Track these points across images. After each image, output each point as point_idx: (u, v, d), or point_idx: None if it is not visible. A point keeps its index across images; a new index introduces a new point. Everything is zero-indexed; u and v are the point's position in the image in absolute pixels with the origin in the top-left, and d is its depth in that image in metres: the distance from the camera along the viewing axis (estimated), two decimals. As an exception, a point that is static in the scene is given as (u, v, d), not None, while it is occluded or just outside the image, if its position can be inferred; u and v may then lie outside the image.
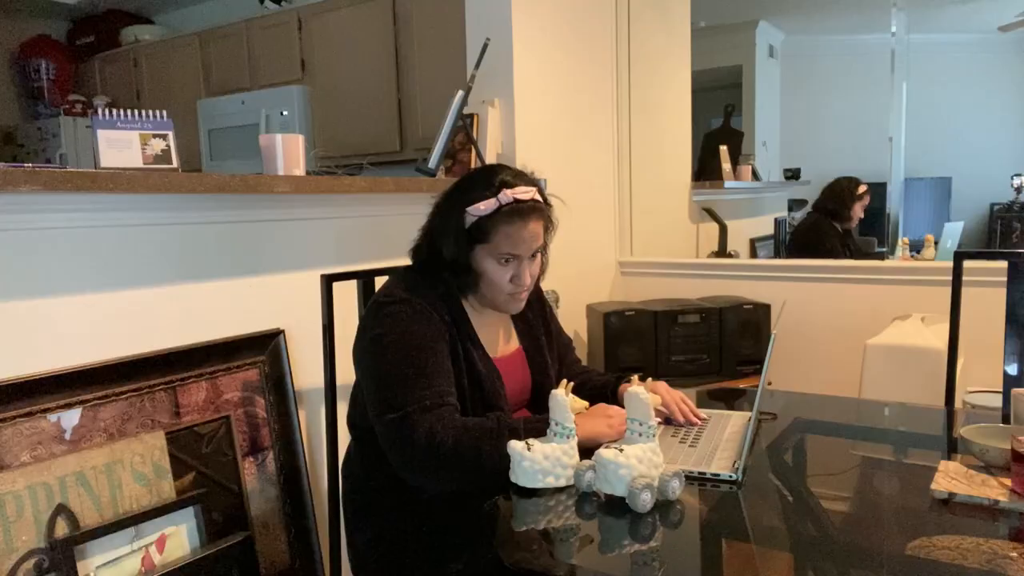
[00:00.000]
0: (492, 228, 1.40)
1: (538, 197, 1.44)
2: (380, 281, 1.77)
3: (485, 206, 1.39)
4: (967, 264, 1.78)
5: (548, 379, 1.59)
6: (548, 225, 1.49)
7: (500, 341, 1.56)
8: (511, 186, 1.41)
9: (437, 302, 1.44)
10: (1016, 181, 4.56)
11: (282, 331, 1.85)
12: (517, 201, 1.40)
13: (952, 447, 1.37)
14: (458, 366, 1.43)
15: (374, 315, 1.43)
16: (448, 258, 1.45)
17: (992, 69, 4.71)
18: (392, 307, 1.41)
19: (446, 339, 1.42)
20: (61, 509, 1.40)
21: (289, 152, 1.89)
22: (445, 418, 1.31)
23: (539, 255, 1.49)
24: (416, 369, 1.35)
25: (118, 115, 1.64)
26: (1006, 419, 1.44)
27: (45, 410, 1.41)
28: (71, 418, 1.45)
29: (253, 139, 3.63)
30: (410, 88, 3.39)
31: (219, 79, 4.16)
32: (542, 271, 1.56)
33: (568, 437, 1.21)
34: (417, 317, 1.40)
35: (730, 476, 1.19)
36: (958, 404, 1.85)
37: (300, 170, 1.91)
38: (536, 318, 1.65)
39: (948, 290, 1.78)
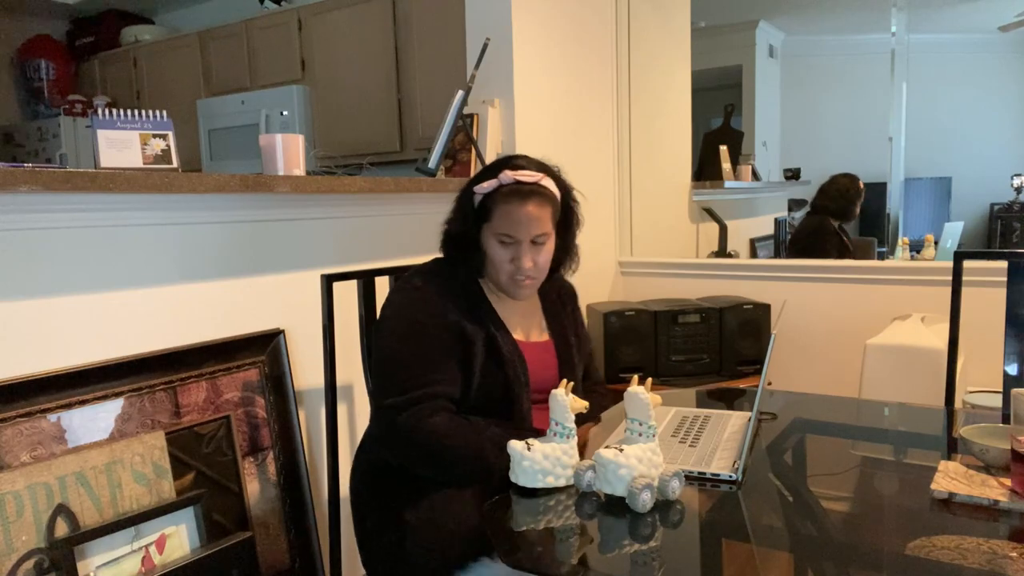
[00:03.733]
0: (493, 207, 1.46)
1: (545, 183, 1.47)
2: (380, 281, 1.77)
3: (488, 185, 1.46)
4: (967, 264, 1.78)
5: (575, 375, 1.58)
6: (560, 214, 1.52)
7: (529, 328, 1.58)
8: (516, 168, 1.47)
9: (455, 287, 1.49)
10: (1016, 181, 4.55)
11: (282, 331, 1.85)
12: (518, 182, 1.45)
13: (952, 447, 1.37)
14: (477, 348, 1.44)
15: (388, 299, 1.52)
16: (455, 235, 1.52)
17: (992, 69, 4.71)
18: (402, 293, 1.49)
19: (454, 324, 1.44)
20: (61, 509, 1.40)
21: (289, 152, 1.89)
22: (425, 419, 1.36)
23: (545, 244, 1.49)
24: (413, 355, 1.41)
25: (118, 115, 1.64)
26: (1006, 419, 1.44)
27: (45, 410, 1.41)
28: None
29: (253, 139, 3.64)
30: (410, 88, 3.39)
31: (219, 79, 4.16)
32: (565, 265, 1.60)
33: (568, 437, 1.21)
34: (425, 302, 1.45)
35: (730, 476, 1.19)
36: (958, 404, 1.85)
37: (300, 170, 1.91)
38: (568, 319, 1.66)
39: (948, 290, 1.78)
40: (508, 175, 1.45)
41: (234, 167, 3.87)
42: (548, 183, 1.48)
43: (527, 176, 1.46)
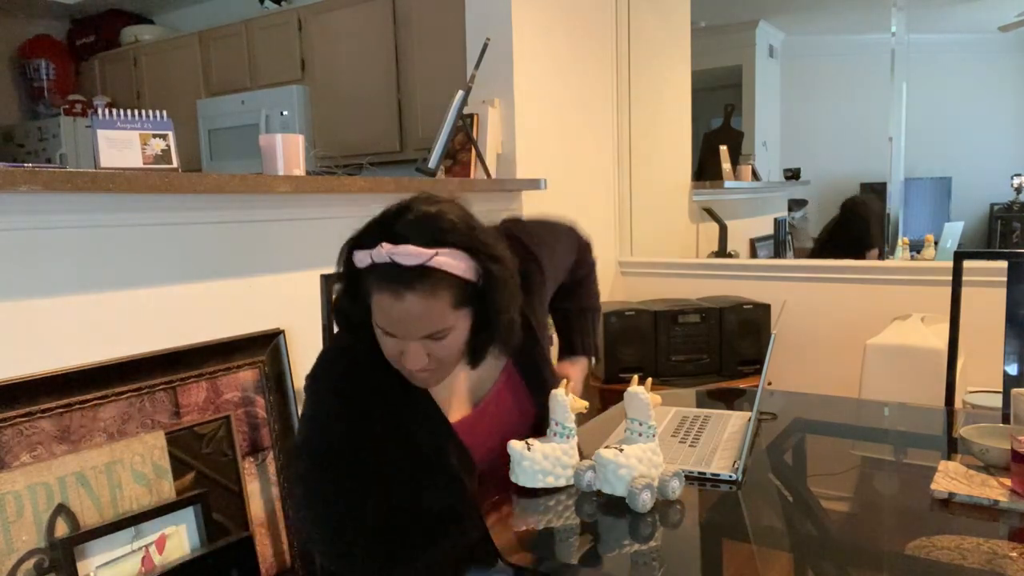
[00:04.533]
0: (369, 289, 1.09)
1: (439, 263, 1.05)
2: (380, 281, 1.76)
3: (362, 258, 1.09)
4: (967, 264, 1.78)
5: (548, 386, 1.32)
6: (480, 282, 1.11)
7: (474, 386, 1.30)
8: (398, 240, 1.06)
9: (373, 382, 1.17)
10: (1016, 181, 4.56)
11: (282, 331, 1.85)
12: (394, 264, 1.05)
13: (952, 447, 1.37)
14: (403, 467, 1.18)
15: (302, 412, 1.22)
16: (342, 312, 1.17)
17: (992, 69, 4.71)
18: (313, 412, 1.19)
19: (373, 452, 1.16)
20: (61, 509, 1.40)
21: (289, 152, 1.89)
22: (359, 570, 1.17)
23: (446, 337, 1.10)
24: (328, 508, 1.16)
25: (118, 115, 1.64)
26: (1006, 419, 1.43)
27: (45, 410, 1.41)
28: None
29: (253, 139, 3.64)
30: (410, 88, 3.39)
31: (219, 79, 4.16)
32: (496, 341, 1.20)
33: (568, 437, 1.21)
34: (337, 434, 1.16)
35: (730, 476, 1.19)
36: (958, 404, 1.85)
37: (300, 170, 1.91)
38: (530, 302, 1.31)
39: (948, 290, 1.78)
40: (384, 251, 1.05)
41: (234, 167, 3.87)
42: (445, 260, 1.06)
43: (409, 255, 1.04)
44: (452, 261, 1.07)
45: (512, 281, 1.16)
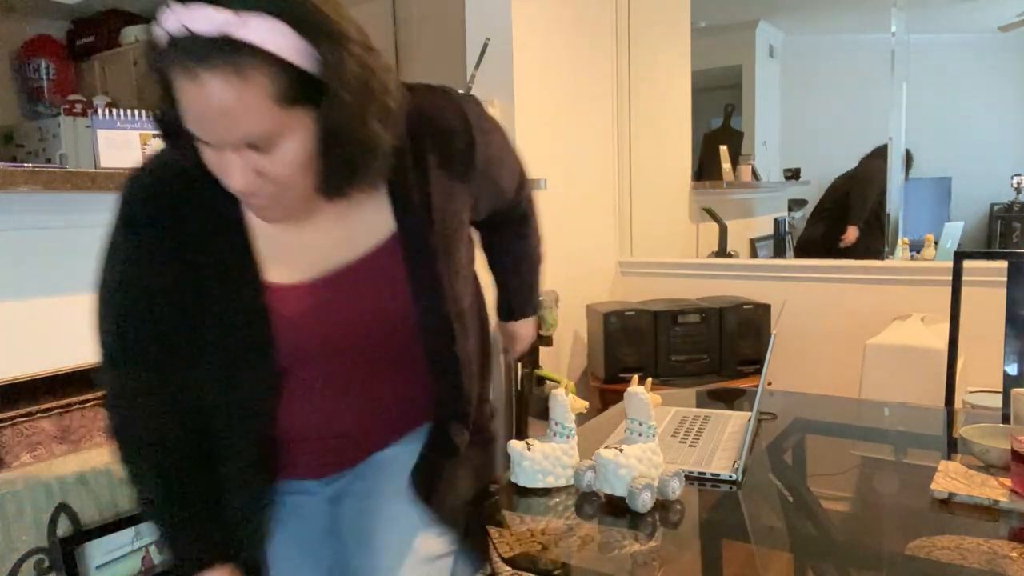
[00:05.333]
0: (167, 73, 0.78)
1: (243, 35, 0.74)
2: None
3: (158, 31, 0.77)
4: (967, 264, 1.78)
5: (439, 293, 0.98)
6: (303, 103, 0.80)
7: (334, 244, 0.96)
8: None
9: (191, 202, 0.91)
10: (1016, 181, 4.56)
11: (282, 331, 1.85)
12: (190, 36, 0.74)
13: (952, 447, 1.37)
14: (204, 315, 0.94)
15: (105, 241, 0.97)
16: (158, 119, 0.86)
17: (992, 69, 4.72)
18: (113, 239, 0.94)
19: (177, 280, 0.92)
20: (61, 509, 1.40)
21: (289, 152, 1.89)
22: (123, 427, 0.97)
23: (275, 147, 0.81)
24: (107, 336, 0.96)
25: (118, 115, 1.64)
26: (1006, 419, 1.43)
27: (45, 410, 1.41)
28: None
29: (253, 139, 3.63)
30: (410, 88, 3.40)
31: (219, 79, 4.16)
32: (358, 165, 0.87)
33: (568, 437, 1.21)
34: (127, 252, 0.93)
35: (730, 476, 1.19)
36: (958, 404, 1.85)
37: (300, 170, 1.91)
38: (445, 175, 0.99)
39: (948, 290, 1.78)
40: (172, 17, 0.75)
41: (234, 167, 3.86)
42: (255, 30, 0.75)
43: (202, 19, 0.74)
44: (266, 33, 0.75)
45: (374, 82, 0.85)
